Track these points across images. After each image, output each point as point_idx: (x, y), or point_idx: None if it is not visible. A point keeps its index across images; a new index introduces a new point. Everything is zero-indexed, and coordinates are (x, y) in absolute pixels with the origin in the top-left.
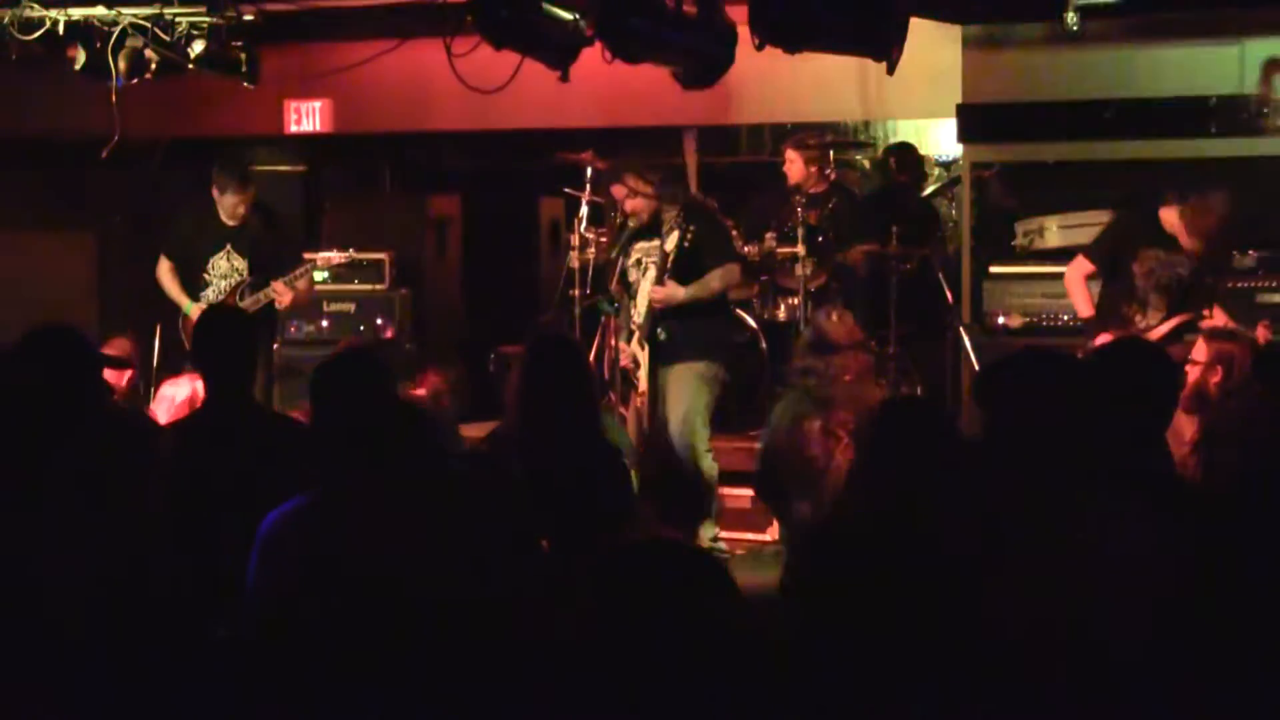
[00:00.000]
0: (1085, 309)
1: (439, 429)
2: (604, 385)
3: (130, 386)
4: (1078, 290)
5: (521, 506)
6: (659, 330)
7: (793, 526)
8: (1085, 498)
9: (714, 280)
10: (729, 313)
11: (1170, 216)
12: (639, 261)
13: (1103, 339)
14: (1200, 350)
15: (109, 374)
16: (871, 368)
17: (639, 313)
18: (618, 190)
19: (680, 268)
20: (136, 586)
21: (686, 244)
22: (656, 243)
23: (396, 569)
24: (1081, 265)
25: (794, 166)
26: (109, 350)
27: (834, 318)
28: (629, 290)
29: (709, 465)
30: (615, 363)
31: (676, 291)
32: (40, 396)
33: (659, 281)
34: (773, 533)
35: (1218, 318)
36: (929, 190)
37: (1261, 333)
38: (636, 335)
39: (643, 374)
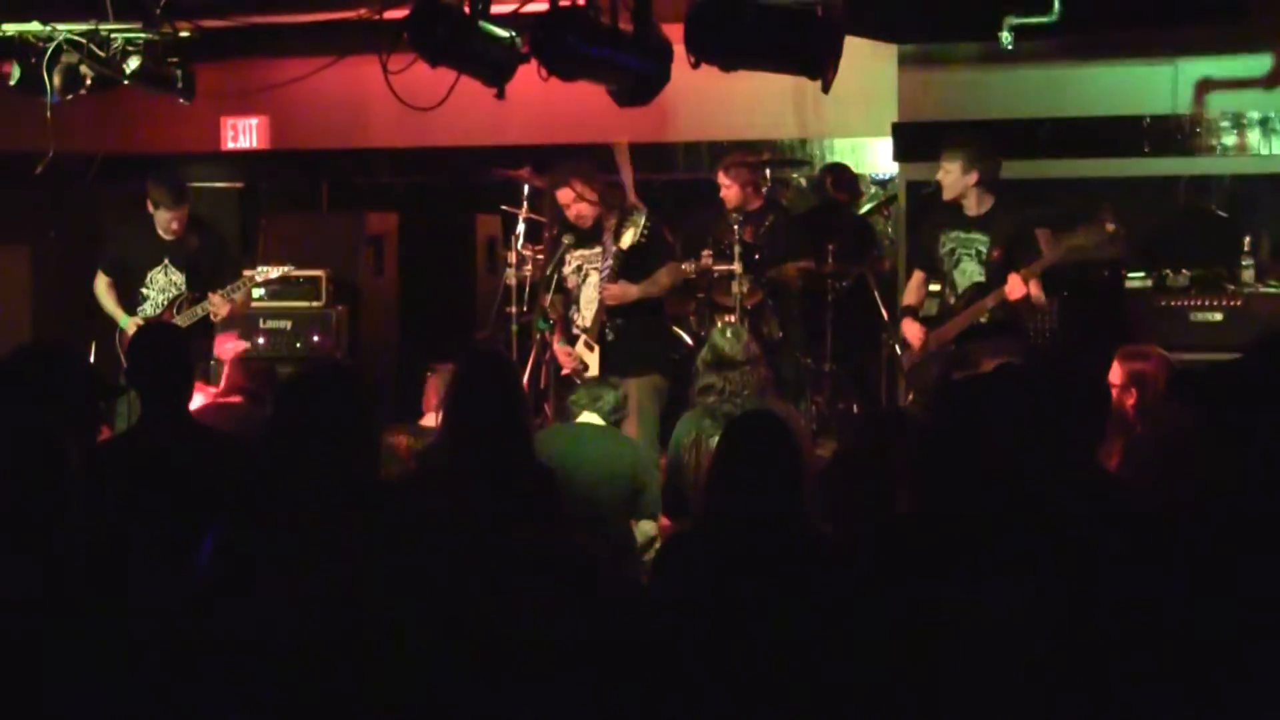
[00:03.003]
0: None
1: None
2: (539, 403)
3: None
4: (910, 290)
5: (456, 530)
6: (607, 331)
7: None
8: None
9: (663, 276)
10: (668, 323)
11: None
12: (579, 268)
13: (907, 326)
14: (1115, 372)
15: None
16: (771, 382)
17: (584, 317)
18: (564, 194)
19: (629, 266)
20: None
21: (644, 239)
22: (597, 250)
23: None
24: (916, 276)
25: (730, 192)
26: None
27: (728, 334)
28: (568, 296)
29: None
30: (555, 377)
31: (630, 289)
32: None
33: (611, 280)
34: None
35: (1015, 287)
36: (865, 208)
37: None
38: (583, 338)
39: (591, 376)
